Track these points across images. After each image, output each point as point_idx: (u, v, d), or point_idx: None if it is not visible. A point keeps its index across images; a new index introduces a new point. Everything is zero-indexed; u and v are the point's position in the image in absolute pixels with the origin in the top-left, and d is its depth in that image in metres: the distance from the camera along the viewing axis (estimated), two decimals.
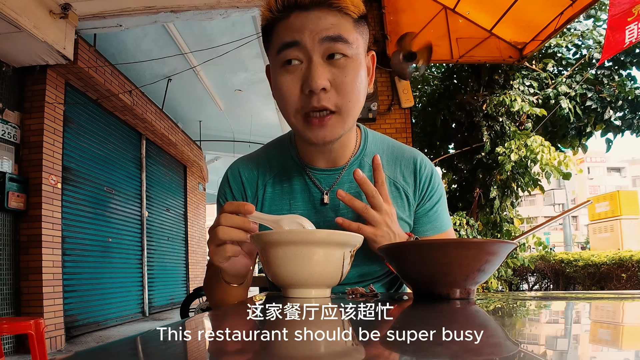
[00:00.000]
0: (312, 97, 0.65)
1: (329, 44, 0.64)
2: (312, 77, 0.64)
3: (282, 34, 0.66)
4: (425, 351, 0.25)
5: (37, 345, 2.30)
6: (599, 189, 30.31)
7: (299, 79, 0.66)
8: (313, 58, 0.65)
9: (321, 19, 0.64)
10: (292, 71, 0.66)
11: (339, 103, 0.66)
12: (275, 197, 0.80)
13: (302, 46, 0.65)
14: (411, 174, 0.81)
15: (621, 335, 0.33)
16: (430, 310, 0.45)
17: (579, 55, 4.91)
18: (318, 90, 0.64)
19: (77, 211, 4.47)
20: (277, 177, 0.80)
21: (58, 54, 3.57)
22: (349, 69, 0.66)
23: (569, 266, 5.59)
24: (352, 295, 0.66)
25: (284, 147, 0.83)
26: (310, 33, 0.64)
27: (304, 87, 0.65)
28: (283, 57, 0.66)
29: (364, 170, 0.78)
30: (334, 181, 0.78)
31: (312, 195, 0.78)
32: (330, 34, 0.64)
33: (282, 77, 0.67)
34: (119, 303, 5.37)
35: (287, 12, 0.65)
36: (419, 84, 5.76)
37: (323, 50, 0.65)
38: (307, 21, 0.64)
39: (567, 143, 4.88)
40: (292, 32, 0.65)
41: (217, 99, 6.63)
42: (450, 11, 4.07)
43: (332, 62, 0.65)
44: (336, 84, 0.65)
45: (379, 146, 0.83)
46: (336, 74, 0.65)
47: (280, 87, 0.67)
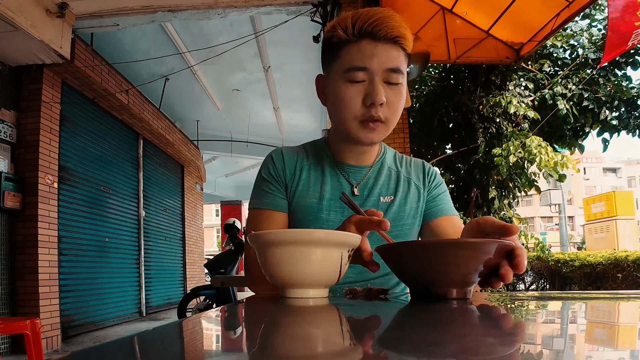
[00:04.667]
0: (372, 108, 0.80)
1: (389, 74, 0.80)
2: (376, 93, 0.78)
3: (354, 57, 0.80)
4: (423, 351, 0.25)
5: (33, 345, 2.29)
6: (595, 189, 30.48)
7: (361, 93, 0.80)
8: (375, 79, 0.79)
9: (387, 51, 0.78)
10: (356, 86, 0.80)
11: (388, 116, 0.82)
12: (309, 181, 0.92)
13: (369, 71, 0.79)
14: (420, 174, 0.99)
15: (617, 335, 0.33)
16: (427, 310, 0.45)
17: (574, 55, 4.93)
18: (379, 103, 0.79)
19: (74, 211, 4.46)
20: (313, 165, 0.94)
21: (55, 53, 3.55)
22: (398, 93, 0.82)
23: (565, 266, 5.61)
24: (350, 295, 0.67)
25: (319, 146, 0.98)
26: (378, 61, 0.78)
27: (367, 99, 0.80)
28: (352, 76, 0.80)
29: (383, 170, 0.96)
30: (362, 177, 0.93)
31: (341, 184, 0.92)
32: (392, 66, 0.79)
33: (347, 89, 0.81)
34: (116, 303, 5.35)
35: (360, 38, 0.79)
36: (416, 85, 5.77)
37: (384, 77, 0.80)
38: (376, 50, 0.78)
39: (564, 143, 4.90)
40: (364, 58, 0.79)
41: (214, 98, 6.61)
42: (448, 12, 4.07)
43: (389, 85, 0.81)
44: (389, 102, 0.81)
45: (393, 155, 1.01)
46: (390, 95, 0.81)
47: (344, 97, 0.81)
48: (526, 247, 4.43)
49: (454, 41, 4.18)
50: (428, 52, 3.81)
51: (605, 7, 4.21)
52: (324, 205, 0.89)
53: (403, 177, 0.97)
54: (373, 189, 0.93)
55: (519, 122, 4.63)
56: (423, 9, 4.03)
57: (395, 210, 0.92)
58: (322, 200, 0.90)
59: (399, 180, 0.96)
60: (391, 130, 0.86)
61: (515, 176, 4.30)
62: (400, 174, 0.97)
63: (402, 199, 0.92)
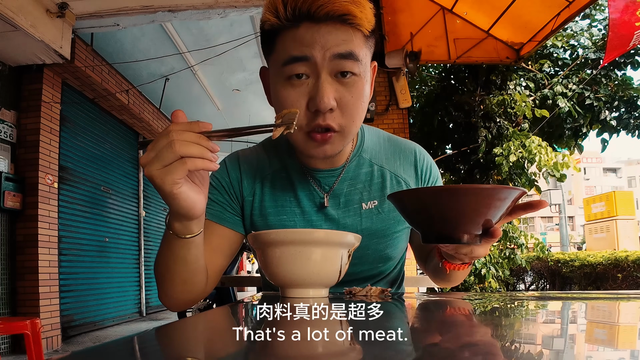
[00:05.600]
0: (318, 115, 0.63)
1: (339, 62, 0.62)
2: (320, 97, 0.62)
3: (289, 45, 0.63)
4: (422, 351, 0.25)
5: (33, 345, 2.28)
6: (595, 189, 30.47)
7: (304, 95, 0.64)
8: (321, 75, 0.62)
9: (332, 34, 0.61)
10: (297, 85, 0.64)
11: (343, 123, 0.65)
12: (276, 192, 0.78)
13: (312, 62, 0.62)
14: (411, 166, 0.82)
15: (617, 335, 0.33)
16: (427, 310, 0.45)
17: (574, 55, 4.93)
18: (326, 110, 0.63)
19: (74, 211, 4.45)
20: (277, 173, 0.79)
21: (55, 53, 3.55)
22: (355, 88, 0.65)
23: (565, 266, 5.61)
24: (350, 295, 0.66)
25: (280, 146, 0.81)
26: (321, 49, 0.61)
27: (310, 104, 0.63)
28: (290, 70, 0.63)
29: (362, 167, 0.78)
30: (333, 181, 0.77)
31: (312, 194, 0.77)
32: (341, 50, 0.62)
33: (287, 91, 0.64)
34: (116, 303, 5.35)
35: (297, 22, 0.62)
36: (417, 84, 5.77)
37: (332, 67, 0.63)
38: (318, 35, 0.61)
39: (563, 143, 4.90)
40: (302, 46, 0.62)
41: (214, 98, 6.61)
42: (448, 12, 4.08)
43: (340, 79, 0.64)
44: (342, 103, 0.64)
45: (376, 141, 0.83)
46: (343, 93, 0.64)
47: (284, 102, 0.65)
48: (526, 247, 4.43)
49: (454, 41, 4.18)
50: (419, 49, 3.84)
51: (606, 7, 4.21)
52: (301, 222, 0.76)
53: (389, 174, 0.79)
54: (351, 194, 0.77)
55: (519, 122, 4.63)
56: (423, 9, 4.04)
57: (383, 217, 0.77)
58: (295, 215, 0.77)
59: (384, 178, 0.79)
60: (352, 136, 0.69)
61: (515, 176, 4.30)
62: (384, 170, 0.79)
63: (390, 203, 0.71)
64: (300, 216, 0.77)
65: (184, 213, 0.55)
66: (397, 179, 0.80)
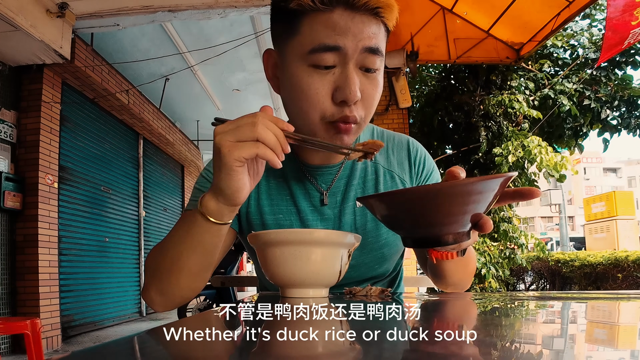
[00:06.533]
0: (345, 107, 0.62)
1: (367, 56, 0.61)
2: (350, 89, 0.60)
3: (321, 31, 0.59)
4: (421, 351, 0.25)
5: (33, 345, 2.28)
6: (595, 189, 30.46)
7: (330, 84, 0.62)
8: (349, 65, 0.61)
9: (365, 25, 0.60)
10: (323, 74, 0.61)
11: (363, 115, 0.65)
12: (272, 191, 0.77)
13: (342, 52, 0.60)
14: (405, 159, 0.81)
15: (617, 335, 0.33)
16: (427, 310, 0.45)
17: (574, 55, 4.93)
18: (353, 102, 0.61)
19: (74, 211, 4.45)
20: (272, 171, 0.77)
21: (55, 53, 3.55)
22: (376, 83, 0.64)
23: (565, 266, 5.61)
24: (350, 295, 0.66)
25: None
26: (354, 39, 0.59)
27: (338, 94, 0.61)
28: (318, 59, 0.60)
29: (356, 164, 0.78)
30: (332, 179, 0.77)
31: (309, 193, 0.77)
32: (372, 44, 0.61)
33: (311, 79, 0.62)
34: (116, 303, 5.35)
35: (331, 5, 0.59)
36: (417, 84, 5.77)
37: (360, 60, 0.61)
38: (352, 24, 0.59)
39: (564, 143, 4.90)
40: (335, 35, 0.59)
41: (215, 98, 6.61)
42: (448, 12, 4.08)
43: (365, 73, 0.63)
44: (365, 95, 0.63)
45: (369, 137, 0.82)
46: (366, 86, 0.63)
47: (307, 89, 0.62)
48: (526, 247, 4.43)
49: (454, 41, 4.19)
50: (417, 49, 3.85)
51: (606, 7, 4.21)
52: (297, 221, 0.75)
53: (383, 170, 0.79)
54: (347, 192, 0.76)
55: (519, 122, 4.64)
56: (423, 9, 4.03)
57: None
58: (291, 214, 0.76)
59: (378, 175, 0.78)
60: (365, 127, 0.69)
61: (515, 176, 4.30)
62: (378, 167, 0.78)
63: None
64: (296, 215, 0.76)
65: (229, 193, 0.55)
66: (390, 174, 0.79)
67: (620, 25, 2.75)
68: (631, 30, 2.69)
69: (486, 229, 0.47)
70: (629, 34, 2.71)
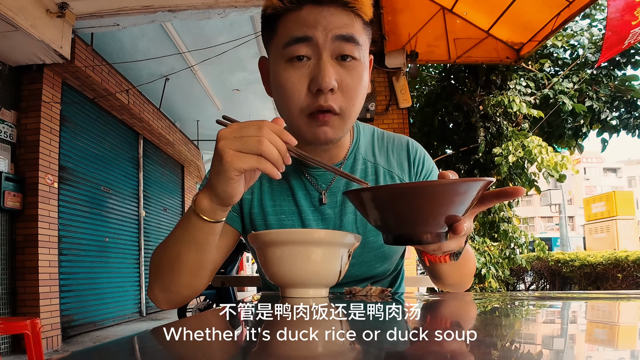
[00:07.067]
0: (320, 96, 0.63)
1: (341, 44, 0.63)
2: (322, 76, 0.61)
3: (291, 27, 0.63)
4: (421, 351, 0.25)
5: (33, 345, 2.28)
6: (595, 189, 30.45)
7: (306, 77, 0.64)
8: (323, 56, 0.63)
9: (334, 16, 0.62)
10: (299, 67, 0.64)
11: (343, 106, 0.65)
12: (274, 192, 0.78)
13: (314, 42, 0.62)
14: (405, 159, 0.81)
15: (617, 335, 0.33)
16: (427, 309, 0.45)
17: (574, 55, 4.94)
18: (327, 89, 0.62)
19: (74, 211, 4.45)
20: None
21: (55, 53, 3.55)
22: (355, 72, 0.65)
23: (565, 266, 5.61)
24: (350, 295, 0.66)
25: None
26: (324, 30, 0.62)
27: (312, 85, 0.63)
28: (291, 52, 0.63)
29: (358, 164, 0.78)
30: (330, 180, 0.77)
31: (309, 193, 0.77)
32: (343, 33, 0.63)
33: (288, 73, 0.64)
34: (116, 303, 5.35)
35: (299, 4, 0.63)
36: (417, 85, 5.77)
37: (333, 49, 0.63)
38: (320, 17, 0.62)
39: (564, 143, 4.90)
40: (304, 27, 0.62)
41: (214, 98, 6.61)
42: (448, 12, 4.08)
43: (341, 63, 0.64)
44: (343, 85, 0.64)
45: (370, 138, 0.83)
46: (344, 76, 0.64)
47: (285, 84, 0.65)
48: (526, 247, 4.43)
49: (454, 41, 4.19)
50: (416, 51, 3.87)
51: (606, 7, 4.21)
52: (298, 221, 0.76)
53: (383, 171, 0.79)
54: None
55: (519, 122, 4.64)
56: (423, 9, 4.04)
57: None
58: (293, 214, 0.76)
59: (377, 175, 0.78)
60: (351, 122, 0.69)
61: (515, 176, 4.30)
62: (377, 167, 0.79)
63: None
64: (298, 215, 0.77)
65: (222, 196, 0.57)
66: (390, 174, 0.79)
67: (620, 25, 2.76)
68: (631, 30, 2.70)
69: (459, 232, 0.47)
70: (629, 34, 2.72)
